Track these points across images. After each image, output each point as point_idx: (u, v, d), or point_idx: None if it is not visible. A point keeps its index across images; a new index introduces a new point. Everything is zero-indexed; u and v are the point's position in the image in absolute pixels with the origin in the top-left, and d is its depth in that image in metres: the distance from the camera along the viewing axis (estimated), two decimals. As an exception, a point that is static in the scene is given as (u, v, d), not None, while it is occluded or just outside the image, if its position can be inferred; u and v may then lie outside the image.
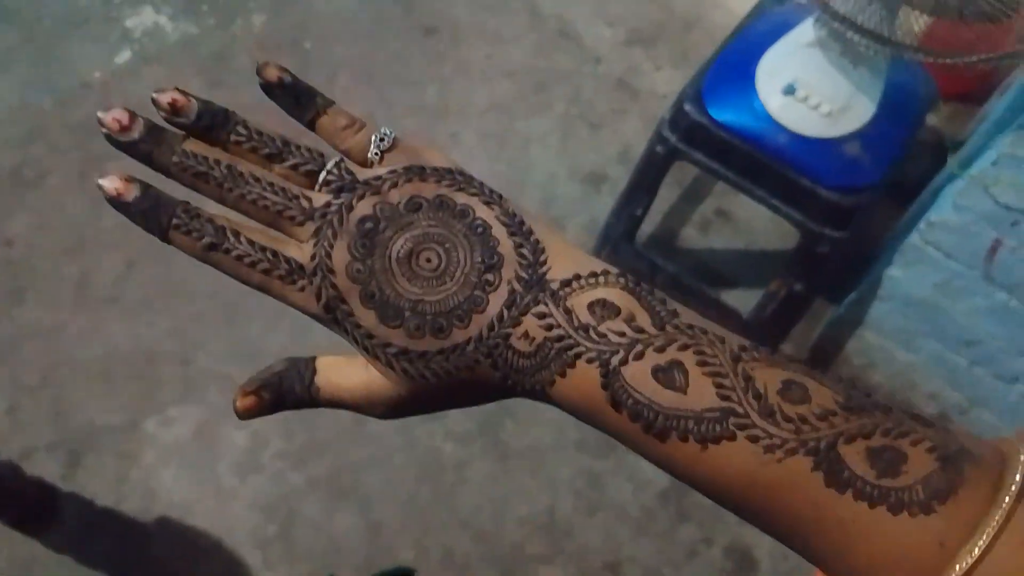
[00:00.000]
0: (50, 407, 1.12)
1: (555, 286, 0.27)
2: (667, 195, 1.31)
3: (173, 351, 1.17)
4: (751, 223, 1.33)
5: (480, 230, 0.28)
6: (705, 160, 0.94)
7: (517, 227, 0.28)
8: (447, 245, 0.28)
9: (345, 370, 0.28)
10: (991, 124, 0.95)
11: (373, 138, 0.29)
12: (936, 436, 0.24)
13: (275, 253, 0.28)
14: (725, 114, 0.89)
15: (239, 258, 0.28)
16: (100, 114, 0.28)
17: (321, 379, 0.28)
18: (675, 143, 0.94)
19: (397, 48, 1.51)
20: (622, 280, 0.27)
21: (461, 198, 0.29)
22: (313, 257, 0.28)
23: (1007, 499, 0.23)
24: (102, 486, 1.07)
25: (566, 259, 0.28)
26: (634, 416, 0.25)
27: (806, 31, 0.87)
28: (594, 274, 0.27)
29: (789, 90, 0.86)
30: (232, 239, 0.28)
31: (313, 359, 0.29)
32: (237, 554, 1.04)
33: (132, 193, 0.28)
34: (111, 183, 0.28)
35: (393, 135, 0.30)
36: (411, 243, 0.28)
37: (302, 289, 0.28)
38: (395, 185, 0.29)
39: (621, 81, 1.52)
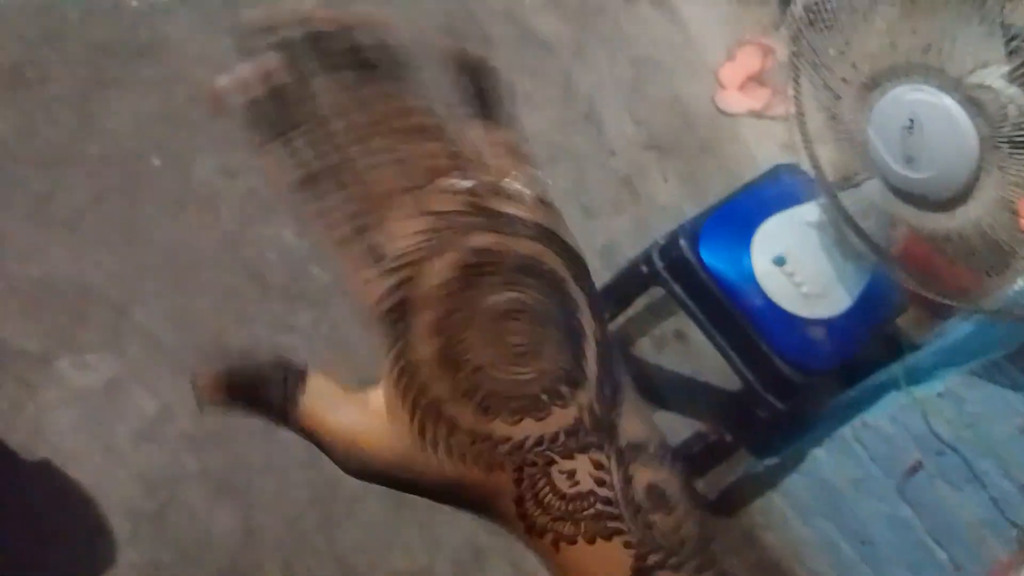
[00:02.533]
0: (-31, 313, 1.08)
1: (623, 444, 0.24)
2: (635, 304, 1.34)
3: (110, 296, 1.14)
4: (703, 355, 1.36)
5: (576, 336, 0.24)
6: (682, 294, 0.96)
7: (607, 356, 0.24)
8: (541, 329, 0.23)
9: (336, 403, 0.24)
10: (946, 348, 1.00)
11: (524, 177, 0.25)
12: None
13: (364, 227, 0.24)
14: (715, 261, 0.92)
15: (326, 211, 0.24)
16: (216, 80, 0.24)
17: (307, 403, 0.24)
18: (659, 269, 0.97)
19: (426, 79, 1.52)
20: (679, 467, 0.25)
21: (575, 291, 0.24)
22: (403, 256, 0.23)
23: None
24: (-6, 408, 1.03)
25: (638, 418, 0.24)
26: None
27: (811, 211, 0.91)
28: (664, 445, 0.24)
29: (779, 261, 0.90)
30: (335, 187, 0.24)
31: (306, 373, 0.25)
32: (106, 519, 1.01)
33: (258, 89, 0.24)
34: (245, 67, 0.24)
35: (544, 184, 0.26)
36: (508, 304, 0.23)
37: (367, 281, 0.23)
38: (527, 238, 0.24)
39: (627, 180, 1.56)
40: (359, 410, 0.24)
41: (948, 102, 0.63)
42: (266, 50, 0.24)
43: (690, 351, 1.37)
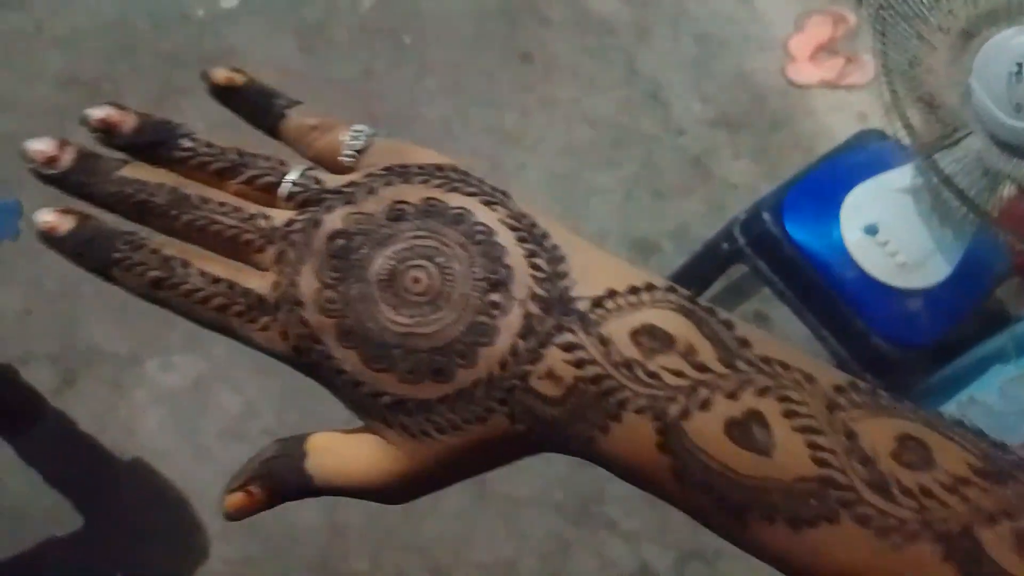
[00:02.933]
0: (61, 319, 1.11)
1: (584, 306, 0.21)
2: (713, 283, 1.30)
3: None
4: (787, 335, 1.31)
5: (481, 238, 0.22)
6: (767, 271, 0.93)
7: (528, 230, 0.22)
8: (439, 260, 0.22)
9: (339, 450, 0.23)
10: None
11: (344, 138, 0.25)
12: None
13: (231, 285, 0.23)
14: (801, 233, 0.88)
15: (188, 293, 0.23)
16: (23, 145, 0.24)
17: (312, 464, 0.23)
18: (742, 245, 0.94)
19: (490, 66, 1.51)
20: (673, 297, 0.21)
21: (455, 200, 0.23)
22: (276, 287, 0.23)
23: None
24: (88, 411, 1.06)
25: (596, 269, 0.22)
26: (703, 488, 0.20)
27: (903, 176, 0.87)
28: (635, 289, 0.21)
29: (871, 230, 0.85)
30: (181, 271, 0.23)
31: (305, 439, 0.24)
32: (198, 516, 1.03)
33: (66, 225, 0.24)
34: (45, 216, 0.24)
35: (370, 132, 0.25)
36: (393, 260, 0.22)
37: (265, 327, 0.23)
38: (371, 191, 0.23)
39: (697, 159, 1.52)
40: (359, 444, 0.23)
41: (1060, 43, 0.59)
42: (55, 182, 0.24)
43: (772, 332, 1.33)
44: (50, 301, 1.12)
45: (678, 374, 0.20)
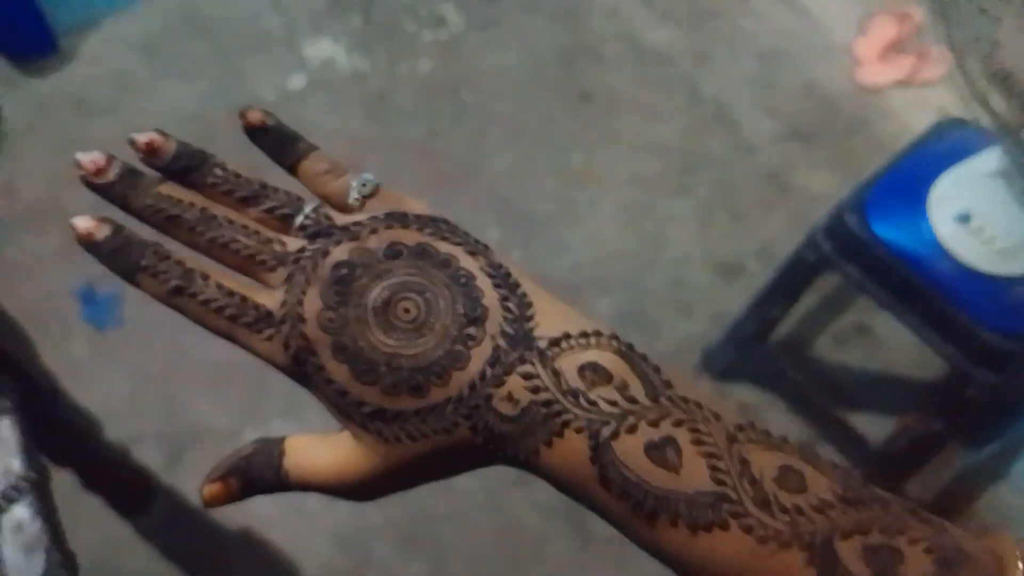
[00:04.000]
0: (165, 399, 1.16)
1: (543, 344, 0.25)
2: (804, 300, 1.25)
3: (286, 367, 1.20)
4: (892, 345, 1.25)
5: (463, 280, 0.26)
6: (858, 275, 0.89)
7: (503, 279, 0.26)
8: (427, 295, 0.26)
9: (314, 451, 0.27)
10: None
11: (354, 184, 0.29)
12: (933, 535, 0.23)
13: (243, 298, 0.27)
14: (889, 231, 0.84)
15: (205, 303, 0.27)
16: (77, 155, 0.28)
17: (289, 462, 0.27)
18: (828, 252, 0.90)
19: (551, 110, 1.53)
20: (615, 343, 0.26)
21: (444, 247, 0.27)
22: (283, 304, 0.26)
23: None
24: (195, 485, 1.10)
25: (555, 316, 0.26)
26: (623, 495, 0.24)
27: (989, 159, 0.82)
28: (585, 334, 0.26)
29: (963, 219, 0.81)
30: (200, 282, 0.27)
31: (282, 440, 0.28)
32: (307, 581, 1.04)
33: (103, 233, 0.27)
34: (83, 223, 0.27)
35: (375, 182, 0.29)
36: (388, 291, 0.26)
37: (269, 338, 0.26)
38: (374, 231, 0.27)
39: (772, 175, 1.48)
40: (332, 447, 0.27)
41: None
42: (101, 191, 0.28)
43: (876, 343, 1.26)
44: (154, 383, 1.18)
45: (612, 403, 0.24)
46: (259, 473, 0.27)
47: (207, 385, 1.18)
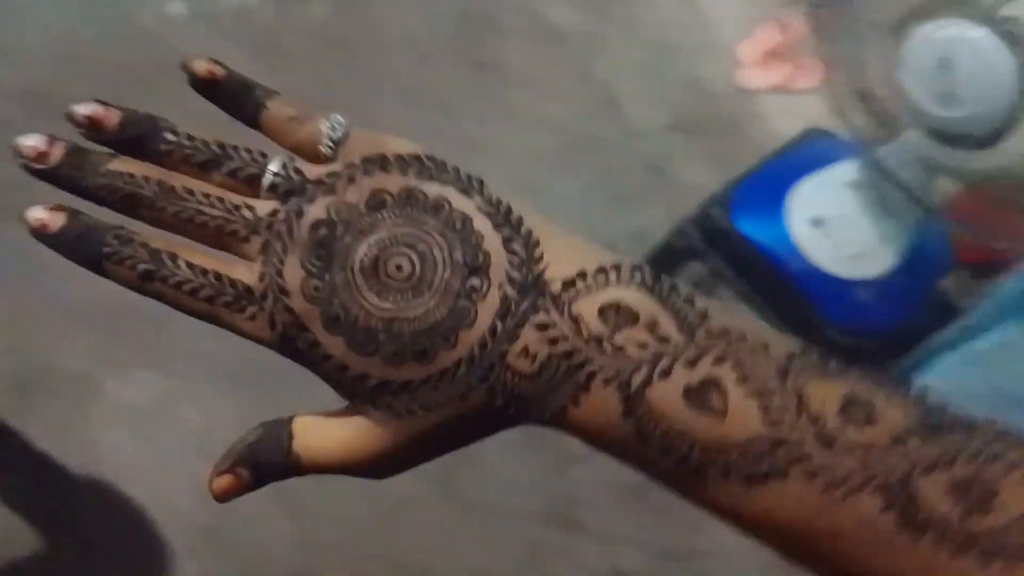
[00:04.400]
0: (14, 340, 1.10)
1: (556, 288, 0.23)
2: (671, 285, 1.32)
3: (151, 312, 1.15)
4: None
5: (459, 225, 0.23)
6: (720, 266, 0.95)
7: (504, 217, 0.24)
8: (420, 247, 0.23)
9: (323, 429, 0.25)
10: (999, 304, 0.96)
11: (323, 128, 0.26)
12: None
13: (219, 276, 0.24)
14: (750, 228, 0.90)
15: (178, 285, 0.24)
16: (15, 141, 0.25)
17: (299, 444, 0.25)
18: (695, 242, 0.96)
19: (446, 74, 1.52)
20: (638, 275, 0.23)
21: (433, 188, 0.24)
22: (262, 277, 0.24)
23: None
24: (45, 430, 1.04)
25: (567, 252, 0.24)
26: (664, 450, 0.22)
27: (847, 170, 0.89)
28: (603, 270, 0.23)
29: (818, 223, 0.88)
30: (170, 264, 0.24)
31: (290, 421, 0.25)
32: (162, 534, 1.02)
33: (58, 222, 0.25)
34: (35, 214, 0.25)
35: (348, 123, 0.26)
36: (376, 249, 0.23)
37: (253, 317, 0.24)
38: (352, 181, 0.24)
39: (653, 163, 1.54)
40: (342, 424, 0.25)
41: (981, 33, 0.61)
42: (47, 177, 0.25)
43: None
44: (2, 324, 1.10)
45: (642, 346, 0.22)
46: (268, 459, 0.25)
47: (63, 325, 1.12)
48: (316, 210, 0.24)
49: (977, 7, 0.62)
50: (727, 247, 0.93)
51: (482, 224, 0.24)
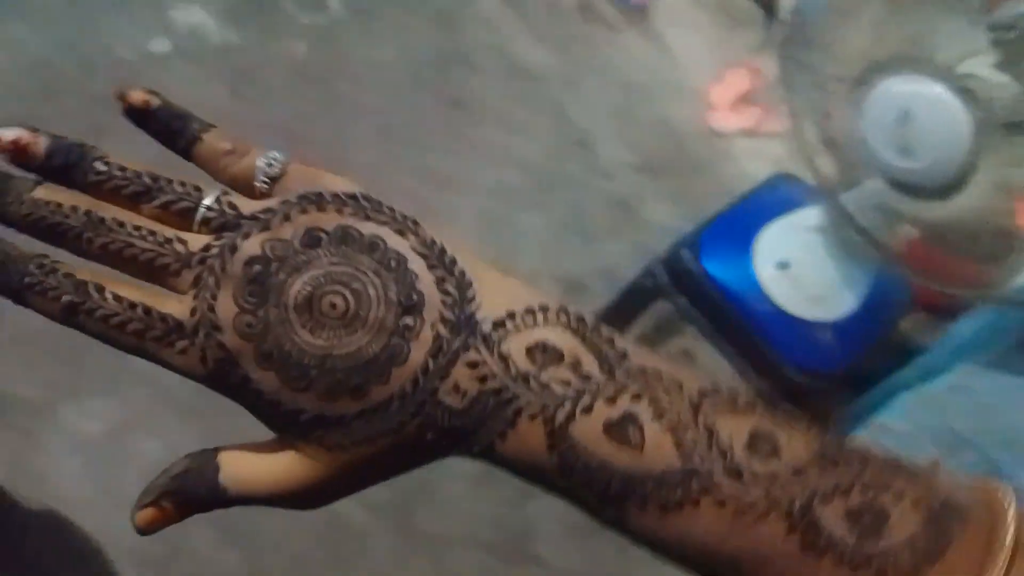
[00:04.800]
0: (-31, 364, 1.07)
1: (487, 327, 0.23)
2: (640, 322, 1.33)
3: (113, 341, 1.13)
4: (711, 372, 1.35)
5: (394, 264, 0.24)
6: (687, 306, 0.96)
7: (438, 258, 0.24)
8: (355, 285, 0.23)
9: (252, 461, 0.25)
10: (955, 345, 0.99)
11: (259, 163, 0.26)
12: (921, 489, 0.22)
13: (148, 310, 0.24)
14: (717, 269, 0.92)
15: (104, 319, 0.24)
16: None
17: (226, 476, 0.25)
18: (663, 281, 0.97)
19: (421, 110, 1.54)
20: (564, 316, 0.24)
21: (368, 227, 0.24)
22: (193, 312, 0.24)
23: (1001, 560, 0.21)
24: (-2, 459, 1.02)
25: (498, 293, 0.24)
26: (586, 482, 0.23)
27: (812, 215, 0.91)
28: (531, 311, 0.24)
29: (783, 265, 0.89)
30: (96, 296, 0.24)
31: (216, 453, 0.25)
32: (113, 568, 0.99)
33: None
34: None
35: (285, 159, 0.26)
36: (311, 286, 0.23)
37: (183, 351, 0.24)
38: (287, 218, 0.24)
39: (623, 202, 1.56)
40: (272, 456, 0.25)
41: (939, 89, 0.64)
42: None
43: (698, 369, 1.36)
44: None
45: (565, 383, 0.23)
46: (194, 491, 0.25)
47: (20, 354, 1.09)
48: (250, 246, 0.24)
49: (935, 64, 0.64)
50: (694, 287, 0.94)
51: (416, 264, 0.24)
